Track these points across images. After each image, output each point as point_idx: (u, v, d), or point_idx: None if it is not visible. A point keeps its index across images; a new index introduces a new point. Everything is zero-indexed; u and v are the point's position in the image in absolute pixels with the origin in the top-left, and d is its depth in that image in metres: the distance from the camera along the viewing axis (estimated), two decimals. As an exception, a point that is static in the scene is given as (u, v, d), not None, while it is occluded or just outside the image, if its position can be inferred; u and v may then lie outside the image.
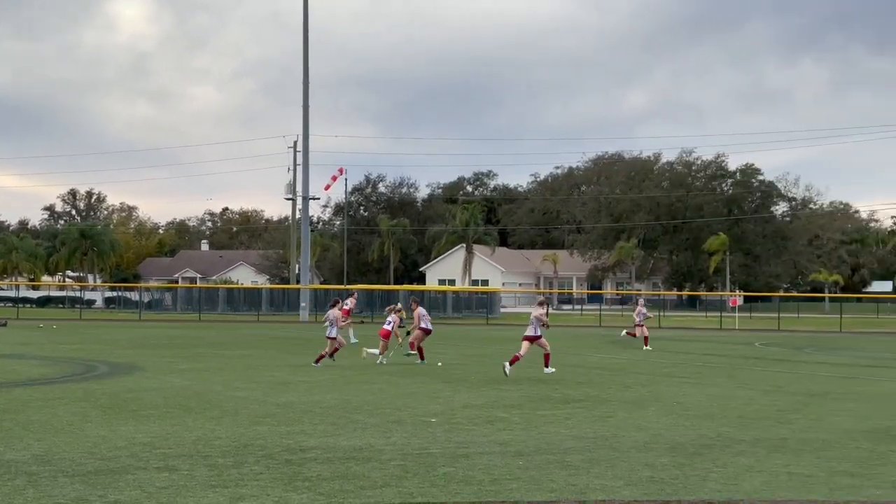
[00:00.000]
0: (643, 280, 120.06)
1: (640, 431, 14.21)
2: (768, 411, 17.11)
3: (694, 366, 28.72)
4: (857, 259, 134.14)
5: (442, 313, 78.35)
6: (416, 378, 22.95)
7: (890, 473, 11.09)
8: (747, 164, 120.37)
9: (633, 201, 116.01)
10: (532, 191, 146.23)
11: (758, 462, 11.67)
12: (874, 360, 32.84)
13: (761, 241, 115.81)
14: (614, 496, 9.55)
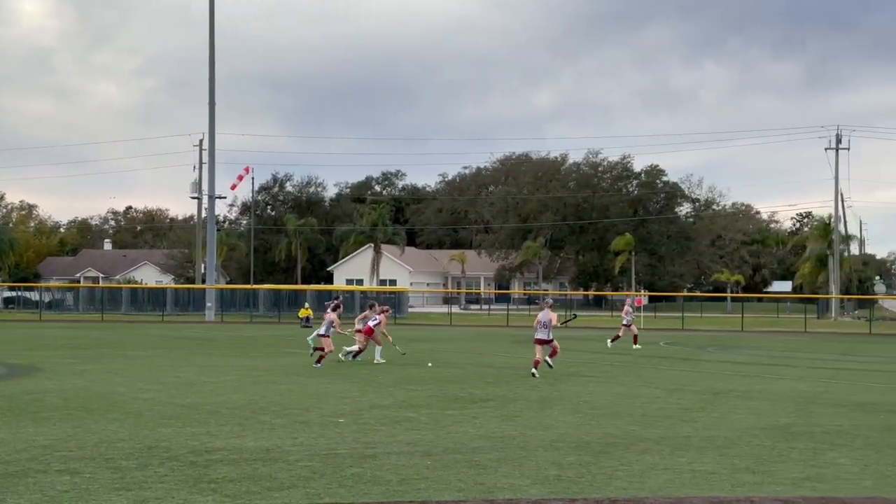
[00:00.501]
0: (550, 280, 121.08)
1: (548, 430, 14.31)
2: (672, 410, 17.35)
3: (600, 365, 29.01)
4: (758, 259, 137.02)
5: (350, 313, 78.08)
6: (323, 378, 22.82)
7: (789, 470, 11.31)
8: (652, 166, 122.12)
9: (540, 201, 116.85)
10: (440, 191, 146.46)
11: (662, 460, 11.82)
12: (774, 359, 33.51)
13: (666, 241, 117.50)
14: (522, 495, 9.59)
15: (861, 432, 14.65)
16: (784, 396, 20.17)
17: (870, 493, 10.06)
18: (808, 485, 10.42)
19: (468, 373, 24.49)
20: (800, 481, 10.61)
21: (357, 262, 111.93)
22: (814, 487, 10.28)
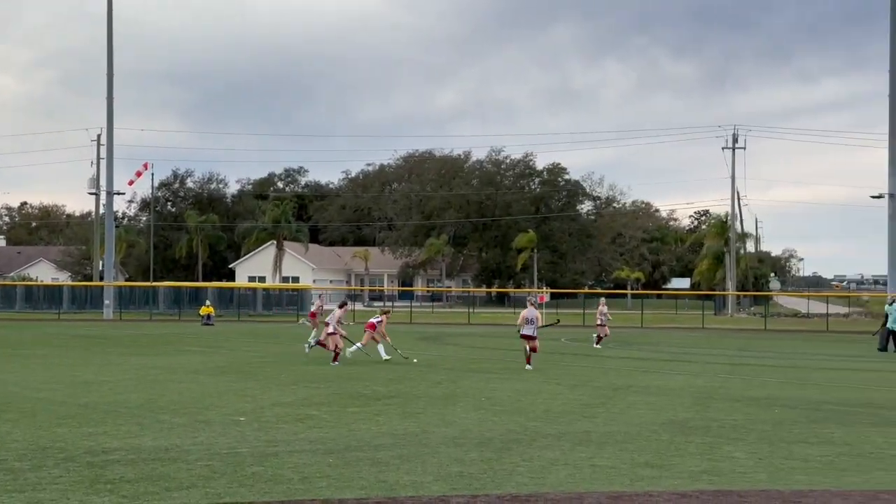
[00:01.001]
0: (453, 277, 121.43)
1: (450, 427, 14.34)
2: (573, 405, 17.52)
3: (502, 361, 29.16)
4: (657, 256, 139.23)
5: (252, 310, 77.49)
6: (224, 377, 22.59)
7: (687, 464, 11.49)
8: (554, 164, 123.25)
9: (443, 199, 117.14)
10: (343, 188, 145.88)
11: (563, 455, 11.92)
12: (673, 355, 34.07)
13: (567, 238, 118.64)
14: (424, 492, 9.59)
15: (756, 426, 14.95)
16: (682, 392, 20.50)
17: (764, 485, 10.27)
18: (705, 478, 10.60)
19: (371, 370, 24.44)
20: (697, 475, 10.79)
21: (259, 260, 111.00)
22: (710, 481, 10.46)
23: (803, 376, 25.40)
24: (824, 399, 19.40)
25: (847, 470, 11.33)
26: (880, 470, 11.35)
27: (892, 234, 67.65)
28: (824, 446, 13.05)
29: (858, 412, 17.21)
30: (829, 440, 13.62)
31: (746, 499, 9.53)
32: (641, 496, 9.56)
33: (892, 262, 68.05)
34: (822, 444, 13.20)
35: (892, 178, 66.99)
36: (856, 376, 25.98)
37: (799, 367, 29.00)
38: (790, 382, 23.32)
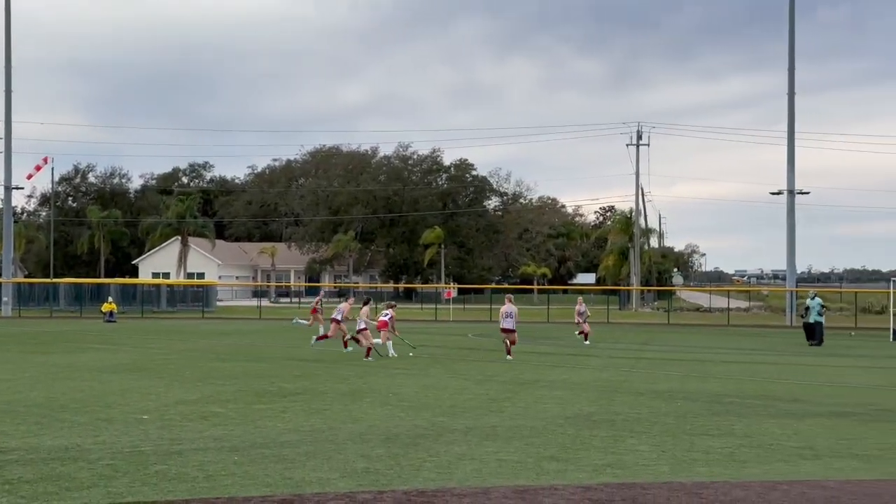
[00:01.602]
0: (361, 272, 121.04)
1: (356, 423, 14.30)
2: (480, 400, 17.59)
3: (409, 357, 29.16)
4: (563, 252, 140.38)
5: (156, 307, 76.41)
6: (127, 374, 22.23)
7: (591, 457, 11.62)
8: (461, 160, 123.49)
9: (350, 194, 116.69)
10: (249, 183, 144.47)
11: (470, 450, 11.96)
12: (578, 349, 34.39)
13: (474, 234, 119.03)
14: (330, 488, 9.54)
15: (659, 419, 15.17)
16: (587, 385, 20.71)
17: (666, 477, 10.42)
18: (609, 471, 10.72)
19: (277, 366, 24.27)
20: (601, 468, 10.91)
21: (164, 255, 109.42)
22: (614, 474, 10.58)
23: (705, 370, 25.84)
24: (725, 392, 19.76)
25: (747, 461, 11.55)
26: (779, 461, 11.59)
27: (790, 230, 69.19)
28: (725, 438, 13.29)
29: (757, 404, 17.56)
30: (729, 432, 13.88)
31: (649, 491, 9.66)
32: (547, 490, 9.63)
33: (790, 257, 69.61)
34: (722, 436, 13.44)
35: (791, 175, 68.50)
36: (755, 369, 26.50)
37: (701, 360, 29.50)
38: (692, 376, 23.71)
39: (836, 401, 18.43)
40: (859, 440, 13.34)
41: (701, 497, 9.42)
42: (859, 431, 14.20)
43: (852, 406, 17.56)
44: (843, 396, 19.33)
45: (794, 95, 68.53)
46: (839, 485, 10.16)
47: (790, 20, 68.08)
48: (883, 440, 13.37)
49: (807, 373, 25.37)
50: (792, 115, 68.38)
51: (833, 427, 14.60)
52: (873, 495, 9.62)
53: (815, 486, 10.03)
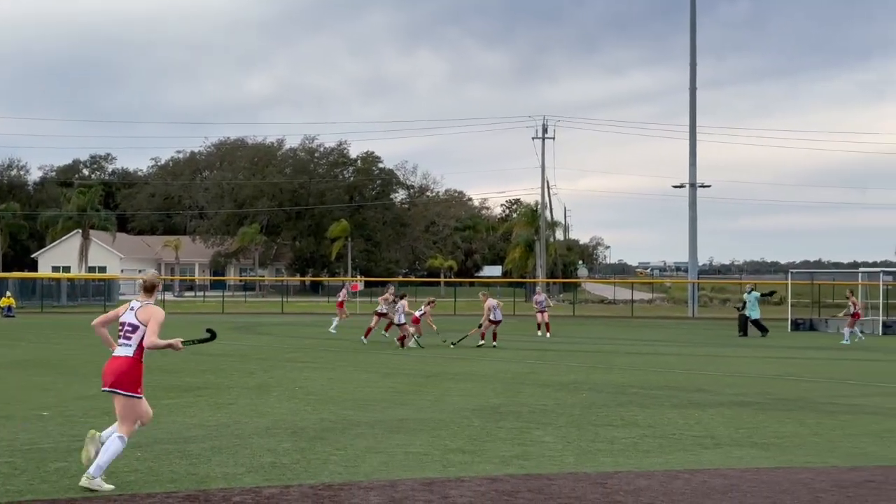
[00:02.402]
0: (267, 266, 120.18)
1: (263, 417, 14.21)
2: (387, 393, 17.60)
3: (316, 350, 29.07)
4: (470, 245, 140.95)
5: (56, 302, 74.92)
6: (26, 370, 21.80)
7: (498, 449, 11.70)
8: (368, 152, 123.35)
9: (256, 187, 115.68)
10: (153, 175, 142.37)
11: (376, 443, 11.96)
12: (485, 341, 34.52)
13: (381, 227, 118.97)
14: (236, 484, 9.47)
15: (565, 410, 15.33)
16: (493, 378, 20.83)
17: (571, 468, 10.54)
18: (516, 463, 10.81)
19: (182, 361, 23.96)
20: (508, 459, 10.99)
21: (64, 249, 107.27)
22: (521, 465, 10.67)
23: (609, 361, 26.17)
24: (629, 383, 20.04)
25: (650, 451, 11.73)
26: (681, 450, 11.80)
27: (692, 223, 70.38)
28: (629, 428, 13.49)
29: (660, 395, 17.84)
30: (633, 422, 14.08)
31: (555, 482, 9.76)
32: (454, 482, 9.68)
33: (692, 249, 70.81)
34: (626, 427, 13.64)
35: (692, 168, 69.67)
36: (658, 360, 26.91)
37: (605, 352, 29.86)
38: (597, 367, 23.99)
39: (736, 391, 18.80)
40: (758, 429, 13.63)
41: (605, 487, 9.55)
42: (758, 420, 14.51)
43: (752, 395, 17.94)
44: (743, 386, 19.73)
45: (695, 90, 69.75)
46: (739, 473, 10.38)
47: (692, 16, 69.22)
48: (780, 428, 13.69)
49: (708, 363, 25.85)
50: (693, 110, 69.56)
51: (733, 416, 14.90)
52: (771, 483, 9.85)
53: (716, 475, 10.24)
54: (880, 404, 16.88)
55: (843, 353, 30.75)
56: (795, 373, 23.33)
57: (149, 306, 9.70)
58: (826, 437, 12.97)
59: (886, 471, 10.62)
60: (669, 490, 9.42)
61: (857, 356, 29.52)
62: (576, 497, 9.05)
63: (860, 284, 51.47)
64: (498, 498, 8.98)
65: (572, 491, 9.33)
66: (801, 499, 9.09)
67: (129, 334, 9.58)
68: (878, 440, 12.81)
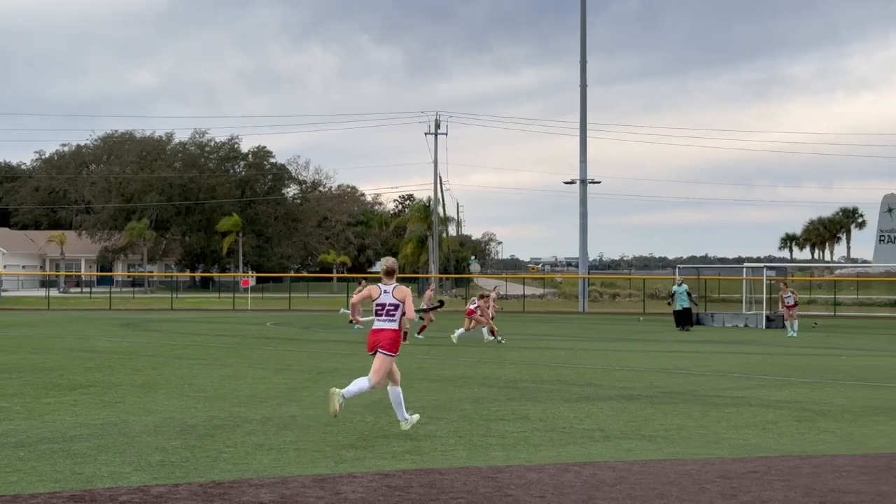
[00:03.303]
0: (156, 262, 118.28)
1: (151, 415, 13.98)
2: (279, 389, 17.46)
3: (206, 347, 28.72)
4: (362, 240, 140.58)
5: None
6: None
7: (390, 444, 11.69)
8: (259, 147, 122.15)
9: (144, 181, 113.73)
10: (37, 169, 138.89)
11: (268, 440, 11.86)
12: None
13: (273, 222, 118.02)
14: (123, 483, 9.30)
15: (456, 405, 15.40)
16: (386, 373, 20.78)
17: (463, 463, 10.59)
18: (408, 458, 10.81)
19: (67, 358, 23.47)
20: (400, 455, 10.99)
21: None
22: (413, 460, 10.68)
23: (501, 356, 26.35)
24: (520, 377, 20.20)
25: (541, 445, 11.84)
26: (571, 444, 11.93)
27: (583, 219, 71.25)
28: (520, 423, 13.59)
29: (551, 389, 18.02)
30: (524, 416, 14.20)
31: (447, 476, 9.79)
32: (346, 478, 9.65)
33: (583, 245, 71.69)
34: (518, 421, 13.74)
35: (583, 165, 70.52)
36: (549, 355, 27.19)
37: (496, 346, 30.05)
38: (488, 362, 24.13)
39: (625, 384, 19.09)
40: (646, 422, 13.86)
41: (496, 481, 9.61)
42: (646, 413, 14.75)
43: (640, 389, 18.24)
44: (632, 380, 20.04)
45: (586, 87, 70.58)
46: (627, 465, 10.54)
47: (582, 13, 70.00)
48: (668, 421, 13.94)
49: (598, 358, 26.20)
50: (584, 107, 70.39)
51: (623, 410, 15.12)
52: (658, 475, 10.02)
53: (605, 468, 10.38)
54: (764, 396, 17.30)
55: (727, 347, 31.44)
56: (682, 366, 23.78)
57: (400, 287, 12.57)
58: (711, 430, 13.24)
59: (769, 461, 10.89)
60: (560, 483, 9.51)
61: (741, 349, 30.21)
62: (467, 491, 9.09)
63: (745, 280, 52.72)
64: (390, 493, 8.97)
65: (464, 485, 9.36)
66: (687, 490, 9.26)
67: (392, 312, 12.62)
68: (762, 432, 13.12)
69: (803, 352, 29.54)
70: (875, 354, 29.30)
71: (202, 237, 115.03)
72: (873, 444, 12.18)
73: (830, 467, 10.57)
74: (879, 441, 12.44)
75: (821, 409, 15.46)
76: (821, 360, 26.38)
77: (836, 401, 16.68)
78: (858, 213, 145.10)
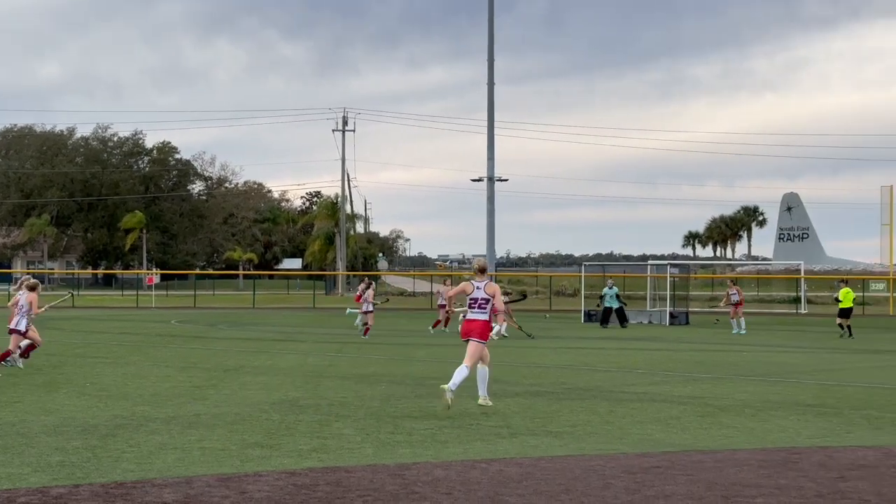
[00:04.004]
0: (56, 258, 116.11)
1: (51, 415, 13.68)
2: (183, 388, 17.23)
3: (109, 345, 28.25)
4: (269, 237, 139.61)
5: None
6: None
7: (297, 442, 11.60)
8: (164, 142, 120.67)
9: (45, 177, 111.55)
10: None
11: (172, 439, 11.69)
12: (284, 335, 34.32)
13: (178, 219, 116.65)
14: (22, 484, 9.08)
15: (364, 403, 15.34)
16: (293, 371, 20.69)
17: (370, 460, 10.55)
18: (315, 456, 10.74)
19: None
20: (307, 453, 10.91)
21: None
22: (319, 458, 10.61)
23: (409, 353, 26.36)
24: (428, 374, 20.21)
25: (448, 441, 11.85)
26: (478, 440, 11.96)
27: (490, 216, 71.58)
28: (428, 420, 13.60)
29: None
30: (432, 414, 14.20)
31: (353, 474, 9.75)
32: (251, 477, 9.55)
33: (490, 242, 72.03)
34: (425, 418, 13.74)
35: (490, 163, 70.83)
36: (455, 352, 27.22)
37: (405, 344, 30.04)
38: (397, 359, 24.12)
39: (531, 381, 19.22)
40: (552, 418, 13.96)
41: (403, 478, 9.59)
42: (552, 409, 14.86)
43: (547, 385, 18.37)
44: (539, 376, 20.18)
45: (493, 86, 70.87)
46: (533, 461, 10.60)
47: (490, 12, 70.29)
48: (574, 417, 14.06)
49: (506, 354, 26.31)
50: (491, 105, 70.68)
51: (529, 406, 15.21)
52: (564, 470, 10.09)
53: (512, 464, 10.42)
54: (667, 392, 17.55)
55: (632, 344, 31.84)
56: (588, 363, 24.03)
57: (490, 283, 14.88)
58: (616, 425, 13.38)
59: (672, 456, 11.04)
60: (467, 480, 9.53)
61: (645, 346, 30.62)
62: (374, 489, 9.06)
63: (649, 277, 53.45)
64: (296, 492, 8.90)
65: (370, 483, 9.33)
66: (592, 485, 9.34)
67: (483, 305, 14.66)
68: (665, 427, 13.31)
69: (706, 348, 30.05)
70: (775, 350, 29.93)
71: (105, 234, 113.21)
72: (772, 438, 12.42)
73: (732, 461, 10.75)
74: (778, 435, 12.70)
75: (722, 405, 15.73)
76: (723, 355, 26.85)
77: (738, 396, 16.98)
78: (759, 212, 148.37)
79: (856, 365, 24.52)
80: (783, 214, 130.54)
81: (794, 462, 10.71)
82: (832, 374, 21.74)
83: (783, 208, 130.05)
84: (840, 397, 16.93)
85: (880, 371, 22.72)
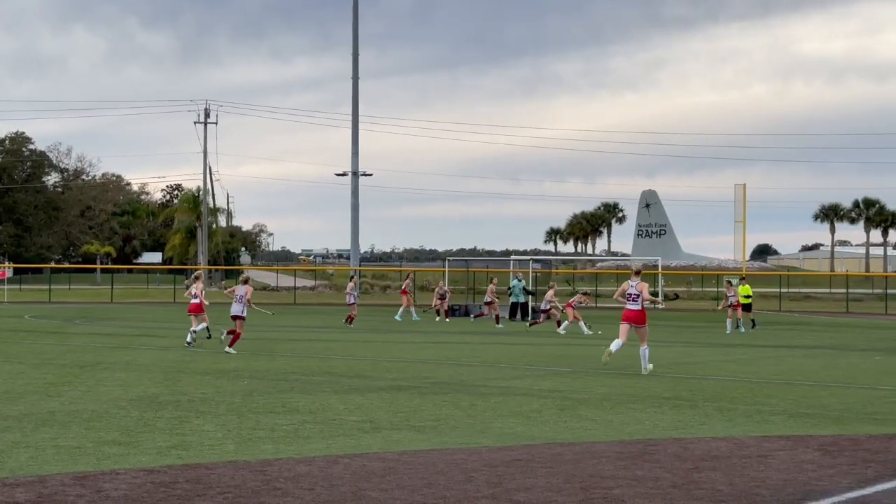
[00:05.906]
0: None
1: None
2: (37, 385, 16.78)
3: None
4: (129, 231, 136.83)
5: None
6: None
7: (156, 439, 11.41)
8: (18, 133, 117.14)
9: None
10: None
11: (24, 437, 11.37)
12: (144, 330, 33.69)
13: (33, 211, 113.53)
14: None
15: (225, 398, 15.16)
16: (152, 367, 20.33)
17: (232, 456, 10.43)
18: (174, 453, 10.58)
19: None
20: (166, 450, 10.73)
21: None
22: (179, 455, 10.45)
23: (271, 348, 26.12)
24: (290, 369, 20.09)
25: (311, 437, 11.80)
26: (341, 435, 11.94)
27: (354, 211, 71.50)
28: (290, 415, 13.51)
29: (322, 381, 17.99)
30: (294, 409, 14.12)
31: (214, 471, 9.63)
32: (108, 475, 9.35)
33: (354, 237, 71.94)
34: (288, 413, 13.66)
35: (355, 157, 70.72)
36: (320, 347, 27.16)
37: (267, 339, 29.74)
38: (259, 354, 23.88)
39: (394, 375, 19.26)
40: (415, 412, 14.02)
41: (265, 474, 9.52)
42: (415, 404, 14.92)
43: (409, 380, 18.43)
44: (402, 371, 20.24)
45: (358, 79, 70.79)
46: (397, 456, 10.63)
47: (354, 5, 70.13)
48: (436, 411, 14.14)
49: (369, 349, 26.35)
50: (356, 99, 70.61)
51: (392, 401, 15.24)
52: (427, 464, 10.15)
53: (375, 458, 10.43)
54: (529, 386, 17.79)
55: (494, 338, 32.15)
56: (451, 357, 24.19)
57: (641, 282, 19.57)
58: (479, 419, 13.51)
59: (532, 449, 11.19)
60: (329, 475, 9.50)
61: (508, 340, 30.97)
62: (235, 485, 8.96)
63: (512, 272, 54.03)
64: (154, 490, 8.75)
65: (232, 479, 9.23)
66: (454, 479, 9.41)
67: (635, 298, 19.49)
68: (526, 420, 13.48)
69: (566, 342, 30.52)
70: (631, 344, 30.55)
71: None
72: (629, 430, 12.70)
73: (590, 454, 10.96)
74: (635, 427, 12.99)
75: (582, 398, 16.01)
76: (583, 349, 27.31)
77: (597, 389, 17.31)
78: (619, 209, 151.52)
79: (709, 358, 25.25)
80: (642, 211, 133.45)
81: (650, 454, 10.97)
82: (687, 367, 22.34)
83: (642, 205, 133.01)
84: (694, 390, 17.40)
85: (733, 364, 23.43)
